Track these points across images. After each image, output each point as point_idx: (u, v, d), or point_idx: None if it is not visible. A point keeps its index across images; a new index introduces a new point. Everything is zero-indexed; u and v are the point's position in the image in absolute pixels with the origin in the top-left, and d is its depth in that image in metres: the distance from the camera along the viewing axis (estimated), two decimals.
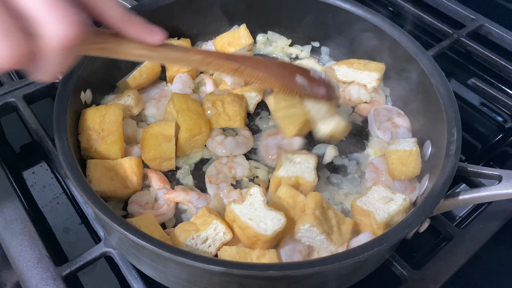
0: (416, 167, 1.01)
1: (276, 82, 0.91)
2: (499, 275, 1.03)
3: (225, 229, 0.88)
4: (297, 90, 0.93)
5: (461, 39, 1.48)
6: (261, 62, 0.92)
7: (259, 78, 0.89)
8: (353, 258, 0.74)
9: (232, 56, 0.88)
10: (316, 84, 0.95)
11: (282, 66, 0.96)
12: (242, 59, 0.88)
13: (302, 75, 0.94)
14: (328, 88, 0.97)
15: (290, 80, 0.92)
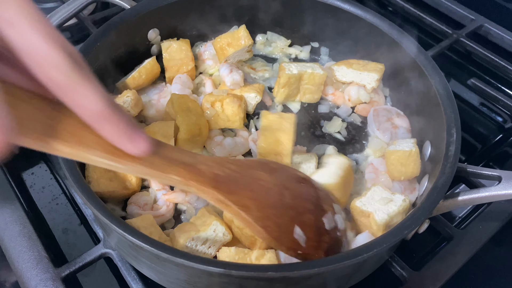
0: (415, 168, 1.01)
1: (263, 235, 0.72)
2: (499, 275, 1.03)
3: (224, 230, 0.88)
4: (288, 246, 0.74)
5: (461, 39, 1.48)
6: (258, 194, 0.72)
7: (244, 221, 0.72)
8: (352, 259, 0.74)
9: (220, 180, 0.70)
10: (316, 243, 0.76)
11: (283, 204, 0.74)
12: (234, 186, 0.71)
13: (303, 227, 0.73)
14: (332, 247, 0.79)
15: (284, 232, 0.73)
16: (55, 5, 1.52)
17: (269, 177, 0.77)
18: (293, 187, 0.78)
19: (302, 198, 0.78)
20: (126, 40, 1.16)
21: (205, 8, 1.27)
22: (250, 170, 0.75)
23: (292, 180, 0.80)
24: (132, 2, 1.21)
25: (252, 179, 0.74)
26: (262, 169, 0.78)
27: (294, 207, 0.76)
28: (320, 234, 0.78)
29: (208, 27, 1.31)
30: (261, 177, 0.76)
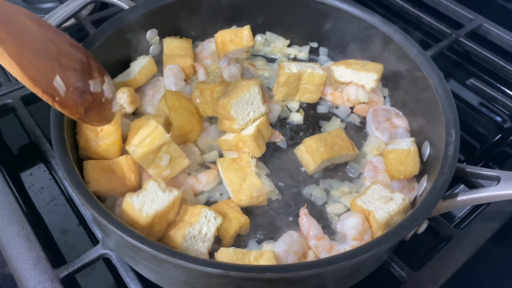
0: (414, 167, 1.01)
1: (17, 72, 0.74)
2: (498, 275, 1.03)
3: (214, 213, 0.90)
4: (44, 90, 0.77)
5: (460, 39, 1.48)
6: (19, 34, 0.76)
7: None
8: (351, 260, 0.74)
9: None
10: (75, 97, 0.82)
11: (47, 54, 0.80)
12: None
13: (64, 79, 0.80)
14: (93, 107, 0.87)
15: (43, 76, 0.77)
16: (53, 5, 1.52)
17: (38, 28, 0.82)
18: (63, 46, 0.86)
19: (69, 58, 0.86)
20: (124, 40, 1.16)
21: (204, 9, 1.27)
22: (19, 15, 0.79)
23: (65, 41, 0.88)
24: (130, 3, 1.21)
25: (18, 21, 0.78)
26: (34, 20, 0.82)
27: (58, 60, 0.82)
28: (82, 92, 0.85)
29: (207, 27, 1.31)
30: (26, 23, 0.80)
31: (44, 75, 0.77)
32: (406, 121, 1.17)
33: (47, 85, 0.77)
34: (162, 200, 0.87)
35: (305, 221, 0.94)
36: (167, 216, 0.90)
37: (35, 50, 0.78)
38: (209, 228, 0.89)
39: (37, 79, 0.76)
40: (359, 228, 0.91)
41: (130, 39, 1.18)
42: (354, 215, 0.93)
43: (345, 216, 0.94)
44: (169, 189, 0.90)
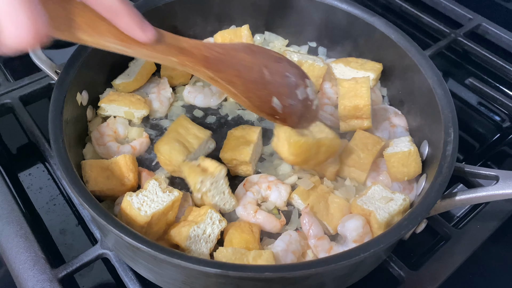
0: (417, 167, 1.01)
1: (247, 104, 0.88)
2: (497, 275, 1.03)
3: (219, 216, 0.90)
4: (267, 112, 0.90)
5: (459, 39, 1.48)
6: (242, 72, 0.88)
7: (231, 94, 0.87)
8: (349, 259, 0.74)
9: (209, 61, 0.85)
10: (291, 109, 0.92)
11: (263, 80, 0.91)
12: (221, 66, 0.85)
13: (280, 97, 0.90)
14: (304, 114, 0.95)
15: (264, 102, 0.89)
16: None
17: (251, 58, 0.92)
18: (271, 66, 0.94)
19: (278, 75, 0.94)
20: None
21: (203, 8, 1.27)
22: (234, 52, 0.90)
23: (271, 60, 0.95)
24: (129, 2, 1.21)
25: (236, 59, 0.89)
26: (244, 51, 0.92)
27: (272, 82, 0.92)
28: (291, 104, 0.94)
29: (205, 27, 1.31)
30: (244, 58, 0.91)
31: (265, 99, 0.90)
32: (405, 120, 1.17)
33: (268, 108, 0.90)
34: (161, 200, 0.88)
35: (307, 220, 0.94)
36: (166, 217, 0.90)
37: (255, 82, 0.90)
38: (213, 230, 0.89)
39: (261, 105, 0.89)
40: (359, 230, 0.91)
41: None
42: (355, 217, 0.93)
43: (346, 218, 0.94)
44: (169, 190, 0.90)
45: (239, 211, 0.98)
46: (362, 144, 1.04)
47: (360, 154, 1.02)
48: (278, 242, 0.90)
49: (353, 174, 1.04)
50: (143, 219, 0.84)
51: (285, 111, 0.92)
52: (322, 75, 1.19)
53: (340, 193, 1.02)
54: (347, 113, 1.09)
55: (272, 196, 1.00)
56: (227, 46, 0.91)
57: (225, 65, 0.87)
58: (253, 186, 1.01)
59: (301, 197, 0.98)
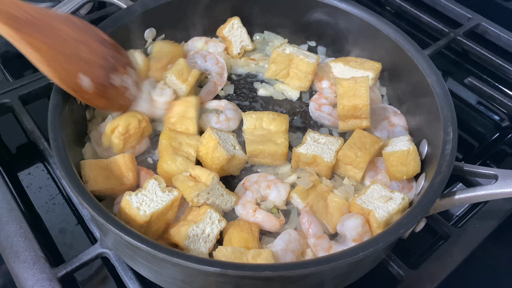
0: (416, 166, 1.01)
1: (51, 74, 0.86)
2: (496, 274, 1.03)
3: (219, 216, 0.90)
4: (72, 87, 0.90)
5: (458, 38, 1.48)
6: (52, 41, 0.86)
7: (34, 59, 0.84)
8: (348, 258, 0.74)
9: (17, 20, 0.81)
10: (99, 91, 0.94)
11: (75, 55, 0.90)
12: (29, 28, 0.82)
13: (90, 76, 0.92)
14: (116, 99, 1.00)
15: (70, 76, 0.89)
16: (51, 4, 1.51)
17: (70, 31, 0.91)
18: (91, 44, 0.94)
19: (96, 55, 0.94)
20: (122, 40, 1.15)
21: (201, 7, 1.27)
22: (51, 20, 0.89)
23: (93, 38, 0.96)
24: (128, 2, 1.21)
25: (50, 27, 0.88)
26: (65, 23, 0.91)
27: (86, 60, 0.92)
28: (105, 87, 0.95)
29: (205, 25, 1.31)
30: (61, 29, 0.90)
31: (72, 74, 0.89)
32: (404, 120, 1.17)
33: (73, 82, 0.89)
34: (161, 200, 0.88)
35: (306, 219, 0.94)
36: (166, 216, 0.90)
37: (65, 53, 0.88)
38: (212, 230, 0.89)
39: (65, 78, 0.88)
40: (359, 229, 0.91)
41: (128, 38, 1.17)
42: (355, 216, 0.93)
43: (346, 217, 0.94)
44: (169, 189, 0.90)
45: (239, 210, 0.98)
46: (360, 142, 1.04)
47: (358, 152, 1.02)
48: (278, 241, 0.90)
49: (349, 173, 1.05)
50: (142, 219, 0.84)
51: (92, 91, 0.92)
52: (311, 71, 1.19)
53: (339, 192, 1.02)
54: (346, 112, 1.09)
55: (272, 195, 1.00)
56: (46, 12, 0.89)
57: (34, 29, 0.84)
58: (252, 185, 1.01)
59: (300, 196, 0.98)
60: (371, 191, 0.96)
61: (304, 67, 1.18)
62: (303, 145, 1.04)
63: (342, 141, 1.06)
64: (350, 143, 1.04)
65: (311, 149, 1.03)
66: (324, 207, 0.98)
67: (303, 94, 1.26)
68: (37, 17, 0.85)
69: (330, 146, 1.04)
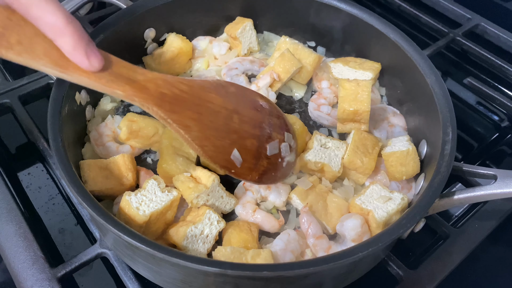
0: (415, 166, 1.01)
1: (199, 152, 0.79)
2: (495, 274, 1.03)
3: (218, 217, 0.90)
4: (222, 164, 0.80)
5: (457, 38, 1.48)
6: (203, 116, 0.77)
7: (183, 138, 0.78)
8: (347, 258, 0.74)
9: (165, 99, 0.75)
10: (252, 165, 0.81)
11: (228, 128, 0.79)
12: (178, 106, 0.76)
13: (242, 151, 0.79)
14: (269, 171, 0.85)
15: (221, 153, 0.79)
16: None
17: (221, 100, 0.81)
18: (245, 112, 0.83)
19: (250, 124, 0.83)
20: (122, 40, 1.16)
21: (201, 7, 1.27)
22: (202, 92, 0.80)
23: (247, 105, 0.84)
24: (128, 2, 1.21)
25: (200, 100, 0.79)
26: (216, 91, 0.82)
27: (238, 132, 0.81)
28: (258, 158, 0.83)
29: (204, 25, 1.31)
30: (212, 100, 0.81)
31: (223, 151, 0.79)
32: (403, 120, 1.17)
33: (224, 159, 0.80)
34: (160, 200, 0.88)
35: (305, 219, 0.94)
36: (165, 216, 0.90)
37: (216, 129, 0.79)
38: (211, 230, 0.89)
39: (216, 156, 0.79)
40: (358, 230, 0.91)
41: (127, 39, 1.17)
42: (354, 216, 0.93)
43: (345, 217, 0.94)
44: (168, 189, 0.90)
45: (238, 210, 0.98)
46: (362, 146, 1.03)
47: (363, 159, 1.01)
48: (277, 241, 0.90)
49: (353, 177, 1.05)
50: (141, 219, 0.84)
51: (245, 166, 0.81)
52: (312, 62, 1.20)
53: (338, 193, 1.02)
54: (346, 116, 1.08)
55: (271, 196, 1.00)
56: (196, 83, 0.81)
57: (184, 106, 0.77)
58: (252, 186, 1.01)
59: (300, 197, 0.98)
60: (370, 192, 0.96)
61: (307, 57, 1.20)
62: (311, 150, 1.02)
63: (346, 145, 1.04)
64: (353, 147, 1.02)
65: (319, 156, 1.01)
66: (323, 207, 0.98)
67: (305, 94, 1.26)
68: (187, 91, 0.78)
69: (336, 152, 1.03)
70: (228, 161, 0.80)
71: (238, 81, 1.20)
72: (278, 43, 1.26)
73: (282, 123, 0.90)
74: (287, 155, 0.88)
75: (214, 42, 1.30)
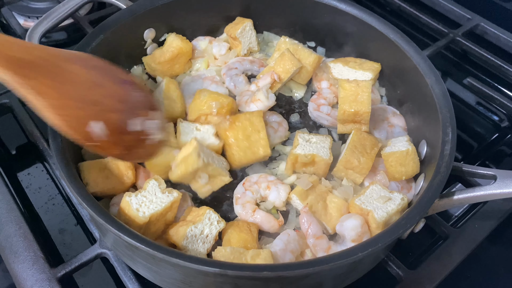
0: (415, 166, 1.01)
1: (56, 122, 0.74)
2: (494, 274, 1.03)
3: (218, 217, 0.91)
4: (82, 136, 0.77)
5: (457, 39, 1.48)
6: (62, 85, 0.75)
7: (37, 106, 0.73)
8: (347, 258, 0.74)
9: (21, 64, 0.72)
10: (115, 139, 0.81)
11: (89, 100, 0.77)
12: (35, 72, 0.72)
13: (106, 123, 0.78)
14: (134, 147, 0.86)
15: (81, 124, 0.76)
16: (51, 4, 1.51)
17: (85, 72, 0.81)
18: (109, 86, 0.84)
19: (114, 98, 0.83)
20: (122, 40, 1.16)
21: (200, 8, 1.27)
22: (62, 61, 0.78)
23: (112, 80, 0.85)
24: (128, 2, 1.21)
25: (61, 69, 0.77)
26: (79, 63, 0.81)
27: (100, 104, 0.80)
28: (120, 134, 0.83)
29: (204, 25, 1.31)
30: (74, 70, 0.79)
31: (81, 121, 0.77)
32: (403, 120, 1.18)
33: (81, 131, 0.77)
34: (160, 201, 0.88)
35: (305, 219, 0.94)
36: (165, 217, 0.90)
37: (76, 98, 0.77)
38: (211, 230, 0.90)
39: (76, 126, 0.76)
40: (358, 230, 0.91)
41: (127, 39, 1.18)
42: (354, 216, 0.93)
43: (345, 217, 0.94)
44: (168, 190, 0.90)
45: (238, 210, 0.98)
46: (361, 146, 1.03)
47: (360, 158, 1.01)
48: (277, 241, 0.90)
49: (351, 177, 1.05)
50: (141, 220, 0.84)
51: (106, 139, 0.80)
52: (312, 63, 1.20)
53: (338, 193, 1.02)
54: (346, 117, 1.09)
55: (271, 196, 1.00)
56: (57, 52, 0.79)
57: (40, 72, 0.74)
58: (252, 186, 1.01)
59: (299, 197, 0.98)
60: (370, 192, 0.96)
61: (307, 57, 1.20)
62: (298, 146, 1.04)
63: (330, 139, 1.06)
64: (351, 147, 1.03)
65: (307, 149, 1.03)
66: (323, 207, 0.98)
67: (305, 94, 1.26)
68: (45, 57, 0.76)
69: (322, 144, 1.04)
70: (87, 133, 0.78)
71: (237, 81, 1.20)
72: (278, 43, 1.27)
73: (148, 101, 0.91)
74: (152, 132, 0.89)
75: (214, 42, 1.30)
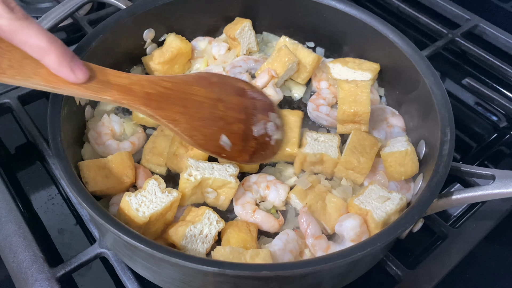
0: (414, 166, 1.01)
1: (190, 142, 0.85)
2: (493, 274, 1.04)
3: (217, 217, 0.91)
4: (212, 150, 0.87)
5: (456, 39, 1.48)
6: (189, 109, 0.84)
7: (172, 131, 0.84)
8: (346, 258, 0.75)
9: (151, 98, 0.81)
10: (241, 148, 0.88)
11: (214, 116, 0.85)
12: (164, 103, 0.82)
13: (230, 135, 0.86)
14: (258, 151, 0.92)
15: (210, 140, 0.85)
16: (50, 5, 1.52)
17: (205, 91, 0.88)
18: (229, 99, 0.90)
19: (235, 110, 0.90)
20: (121, 40, 1.16)
21: (200, 8, 1.27)
22: (185, 86, 0.87)
23: (230, 92, 0.91)
24: (128, 2, 1.21)
25: (185, 94, 0.86)
26: (199, 83, 0.88)
27: (224, 118, 0.88)
28: (246, 140, 0.90)
29: (204, 26, 1.32)
30: (196, 92, 0.87)
31: (212, 138, 0.86)
32: (402, 120, 1.18)
33: (214, 146, 0.86)
34: (160, 201, 0.88)
35: (304, 219, 0.94)
36: (165, 217, 0.90)
37: (203, 118, 0.86)
38: (210, 230, 0.90)
39: (206, 144, 0.85)
40: (357, 230, 0.91)
41: (127, 39, 1.18)
42: (353, 216, 0.93)
43: (344, 217, 0.95)
44: (168, 190, 0.90)
45: (238, 210, 0.98)
46: (360, 146, 1.03)
47: (360, 158, 1.01)
48: (276, 241, 0.91)
49: (351, 177, 1.05)
50: (141, 220, 0.85)
51: (234, 149, 0.88)
52: (311, 62, 1.20)
53: (337, 193, 1.02)
54: (346, 118, 1.09)
55: (271, 196, 1.01)
56: (179, 79, 0.87)
57: (169, 101, 0.83)
58: (252, 186, 1.02)
59: (299, 197, 0.98)
60: (369, 192, 0.96)
61: (306, 57, 1.20)
62: (307, 145, 1.03)
63: (338, 137, 1.06)
64: (351, 147, 1.03)
65: (316, 148, 1.03)
66: (322, 207, 0.98)
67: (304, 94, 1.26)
68: (172, 87, 0.84)
69: (330, 143, 1.05)
70: (218, 147, 0.86)
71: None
72: (277, 43, 1.27)
73: (266, 104, 0.96)
74: (273, 133, 0.95)
75: (213, 43, 1.30)
